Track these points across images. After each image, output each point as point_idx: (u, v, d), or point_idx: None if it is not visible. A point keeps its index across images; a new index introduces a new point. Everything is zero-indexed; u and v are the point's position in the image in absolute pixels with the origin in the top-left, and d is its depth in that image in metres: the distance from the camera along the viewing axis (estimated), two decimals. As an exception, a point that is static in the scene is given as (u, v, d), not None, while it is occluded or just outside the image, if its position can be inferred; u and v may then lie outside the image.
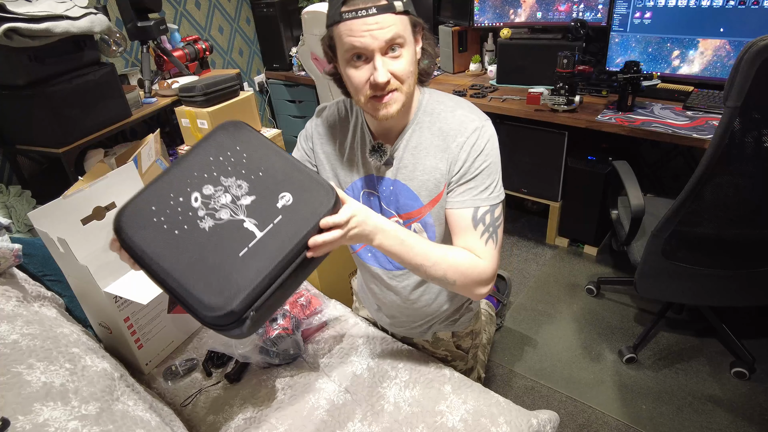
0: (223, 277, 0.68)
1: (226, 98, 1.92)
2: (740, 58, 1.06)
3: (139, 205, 0.75)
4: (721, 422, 1.53)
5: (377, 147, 0.94)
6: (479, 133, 0.89)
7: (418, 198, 0.94)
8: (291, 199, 0.74)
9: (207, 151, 0.77)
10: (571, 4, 2.14)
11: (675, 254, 1.43)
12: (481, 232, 0.89)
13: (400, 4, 0.79)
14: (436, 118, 0.92)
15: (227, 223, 0.72)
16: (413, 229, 0.99)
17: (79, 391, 0.90)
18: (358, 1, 0.78)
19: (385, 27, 0.79)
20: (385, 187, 0.97)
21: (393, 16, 0.79)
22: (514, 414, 1.06)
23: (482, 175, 0.89)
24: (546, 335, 1.92)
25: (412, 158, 0.93)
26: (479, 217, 0.89)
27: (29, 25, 1.48)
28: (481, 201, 0.89)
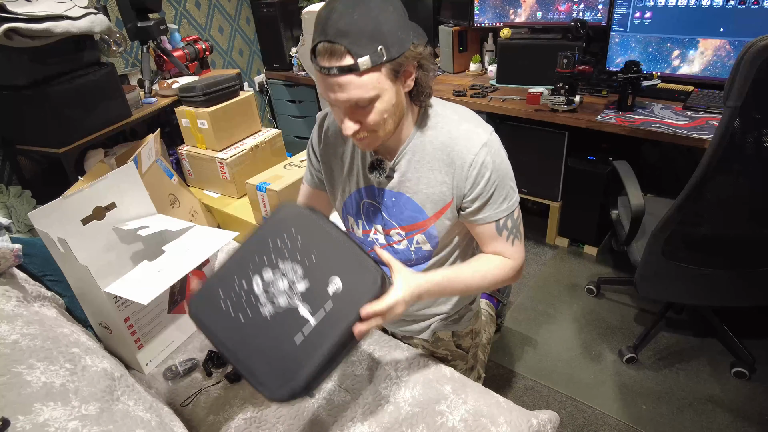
0: (283, 362, 0.77)
1: (226, 98, 1.92)
2: (740, 58, 1.06)
3: (209, 291, 0.85)
4: (721, 422, 1.53)
5: (376, 164, 0.94)
6: (487, 150, 0.88)
7: (423, 211, 0.95)
8: (340, 285, 0.80)
9: (267, 234, 0.86)
10: (571, 4, 2.14)
11: (675, 254, 1.43)
12: (506, 236, 0.95)
13: (366, 61, 0.74)
14: (440, 132, 0.90)
15: (285, 311, 0.80)
16: (416, 240, 1.00)
17: (80, 391, 0.90)
18: (323, 58, 0.75)
19: (347, 90, 0.77)
20: (387, 199, 0.97)
21: (356, 78, 0.75)
22: (515, 414, 1.06)
23: (498, 191, 0.91)
24: (546, 335, 1.92)
25: (415, 172, 0.92)
26: (502, 225, 0.94)
27: (29, 25, 1.48)
28: (501, 213, 0.93)
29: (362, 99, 0.78)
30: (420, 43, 0.82)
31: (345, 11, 0.73)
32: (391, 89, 0.80)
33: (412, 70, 0.83)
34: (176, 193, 1.72)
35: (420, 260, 1.05)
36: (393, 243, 1.03)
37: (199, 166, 1.97)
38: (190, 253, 1.19)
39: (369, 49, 0.74)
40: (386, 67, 0.77)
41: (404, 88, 0.84)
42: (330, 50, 0.74)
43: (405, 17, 0.80)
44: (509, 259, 0.97)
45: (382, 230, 1.02)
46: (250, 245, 0.87)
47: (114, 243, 1.25)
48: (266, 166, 1.83)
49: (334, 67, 0.75)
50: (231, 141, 1.95)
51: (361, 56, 0.74)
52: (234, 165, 1.87)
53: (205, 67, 2.51)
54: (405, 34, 0.78)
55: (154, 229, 1.22)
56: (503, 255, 0.97)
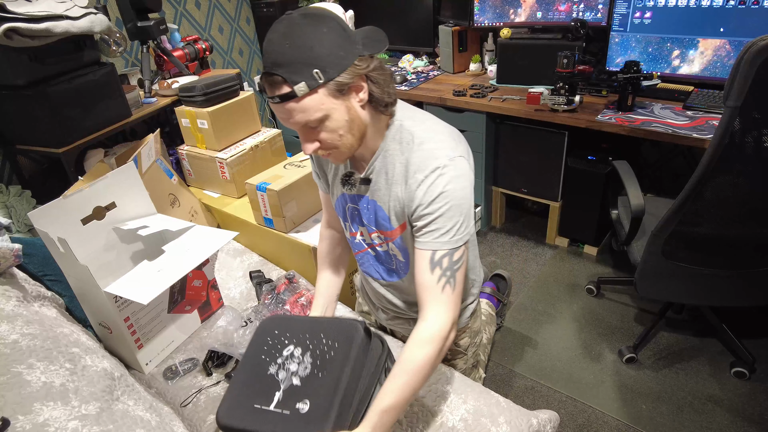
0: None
1: (226, 98, 1.92)
2: (740, 57, 1.06)
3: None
4: (721, 422, 1.53)
5: (346, 178, 0.96)
6: (440, 173, 0.85)
7: (389, 221, 0.96)
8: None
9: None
10: (571, 4, 2.14)
11: (675, 254, 1.43)
12: (438, 276, 0.87)
13: (302, 87, 0.76)
14: (405, 148, 0.90)
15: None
16: (390, 247, 1.01)
17: (79, 390, 0.90)
18: (266, 89, 0.80)
19: (292, 115, 0.80)
20: (364, 204, 0.99)
21: (297, 104, 0.78)
22: (515, 414, 1.07)
23: (443, 218, 0.86)
24: (546, 335, 1.92)
25: (384, 183, 0.94)
26: (436, 260, 0.87)
27: (29, 25, 1.48)
28: (440, 244, 0.87)
29: (309, 121, 0.80)
30: (369, 55, 0.83)
31: (278, 41, 0.76)
32: (340, 107, 0.81)
33: (361, 84, 0.83)
34: (176, 193, 1.72)
35: (400, 269, 1.06)
36: (375, 245, 1.05)
37: (199, 166, 1.97)
38: (190, 253, 1.19)
39: (304, 75, 0.76)
40: (327, 87, 0.79)
41: (358, 102, 0.84)
42: (269, 81, 0.78)
43: (343, 35, 0.80)
44: (426, 322, 0.87)
45: (366, 233, 1.05)
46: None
47: (114, 243, 1.25)
48: (266, 165, 1.83)
49: (275, 96, 0.78)
50: (231, 141, 1.95)
51: (296, 83, 0.76)
52: (234, 165, 1.87)
53: (205, 67, 2.51)
54: (345, 51, 0.79)
55: (154, 228, 1.22)
56: (425, 301, 0.88)
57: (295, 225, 1.64)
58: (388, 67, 0.88)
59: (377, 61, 0.85)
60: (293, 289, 1.36)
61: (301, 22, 0.77)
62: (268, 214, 1.62)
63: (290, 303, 1.29)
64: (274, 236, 1.65)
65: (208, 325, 1.39)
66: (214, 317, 1.41)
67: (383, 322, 1.25)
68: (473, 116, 2.24)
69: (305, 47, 0.76)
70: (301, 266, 1.60)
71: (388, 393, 0.85)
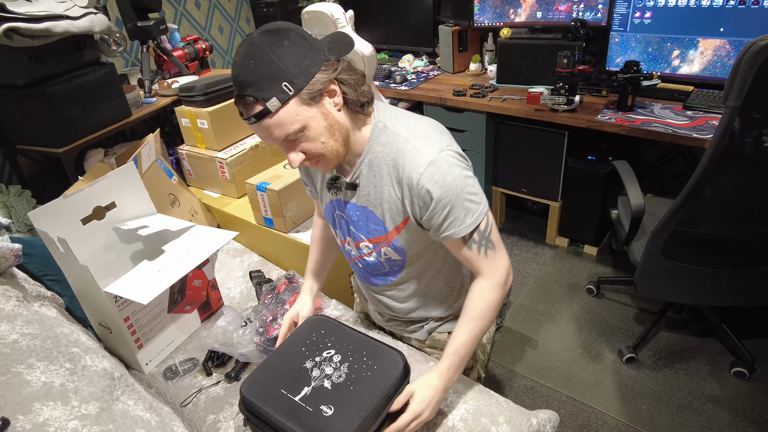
0: None
1: (226, 98, 1.92)
2: (740, 57, 1.06)
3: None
4: (720, 422, 1.53)
5: (332, 183, 0.97)
6: (434, 170, 0.85)
7: (384, 224, 0.95)
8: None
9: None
10: (571, 4, 2.14)
11: (675, 254, 1.43)
12: (477, 249, 0.92)
13: (273, 102, 0.78)
14: (390, 149, 0.89)
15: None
16: (383, 253, 1.00)
17: (79, 390, 0.90)
18: (241, 111, 0.82)
19: (271, 132, 0.81)
20: (352, 212, 0.99)
21: (272, 120, 0.80)
22: (514, 413, 1.07)
23: (454, 210, 0.87)
24: (546, 335, 1.92)
25: (373, 187, 0.93)
26: (469, 240, 0.91)
27: (29, 24, 1.48)
28: (465, 229, 0.89)
29: (288, 134, 0.82)
30: (336, 59, 0.84)
31: (242, 63, 0.78)
32: (316, 114, 0.82)
33: (332, 89, 0.84)
34: (176, 193, 1.72)
35: (394, 269, 1.05)
36: (363, 255, 1.05)
37: (199, 166, 1.97)
38: (190, 252, 1.19)
39: (273, 90, 0.78)
40: (298, 98, 0.80)
41: (333, 106, 0.85)
42: (242, 103, 0.80)
43: (306, 44, 0.81)
44: (485, 278, 0.94)
45: (353, 243, 1.04)
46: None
47: (114, 243, 1.25)
48: (266, 165, 1.82)
49: (251, 116, 0.80)
50: (231, 141, 1.95)
51: (267, 99, 0.78)
52: (234, 165, 1.87)
53: (205, 67, 2.51)
54: (310, 60, 0.80)
55: (154, 228, 1.22)
56: (477, 268, 0.95)
57: (295, 225, 1.64)
58: (356, 68, 0.88)
59: (345, 63, 0.86)
60: (293, 289, 1.36)
61: (261, 40, 0.78)
62: (268, 214, 1.62)
63: (290, 303, 1.29)
64: (274, 236, 1.65)
65: (208, 325, 1.39)
66: (214, 317, 1.41)
67: (380, 323, 1.24)
68: (473, 116, 2.24)
69: (269, 63, 0.77)
70: (301, 266, 1.60)
71: (458, 336, 0.94)
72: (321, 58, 0.81)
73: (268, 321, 1.22)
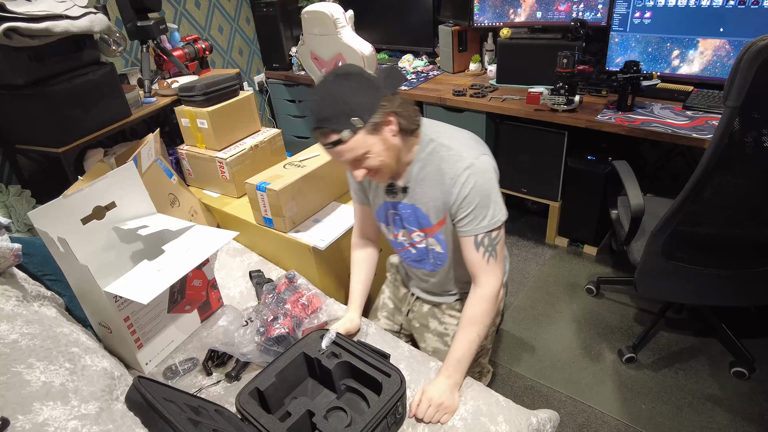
0: None
1: (225, 98, 1.92)
2: (740, 57, 1.06)
3: None
4: (720, 422, 1.53)
5: (390, 188, 1.18)
6: (469, 173, 1.05)
7: (428, 218, 1.15)
8: None
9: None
10: (571, 4, 2.14)
11: (675, 254, 1.43)
12: (483, 253, 1.10)
13: (347, 134, 0.98)
14: (435, 157, 1.09)
15: None
16: (428, 243, 1.20)
17: (79, 390, 0.90)
18: (319, 139, 1.02)
19: (342, 155, 1.01)
20: (403, 210, 1.19)
21: (345, 146, 0.99)
22: (514, 413, 1.07)
23: (476, 210, 1.07)
24: (546, 335, 1.92)
25: (420, 188, 1.13)
26: (479, 241, 1.09)
27: (29, 24, 1.48)
28: (479, 230, 1.08)
29: (356, 157, 1.02)
30: (392, 94, 1.02)
31: (321, 102, 0.99)
32: (378, 141, 1.02)
33: (391, 119, 1.02)
34: (176, 193, 1.72)
35: (437, 262, 1.24)
36: (414, 243, 1.24)
37: (198, 166, 1.97)
38: (190, 252, 1.19)
39: (346, 124, 0.97)
40: (365, 129, 0.99)
41: (390, 134, 1.03)
42: (321, 133, 1.00)
43: (369, 84, 0.99)
44: (480, 286, 1.12)
45: (407, 234, 1.23)
46: None
47: (114, 242, 1.25)
48: (266, 165, 1.82)
49: (328, 143, 1.00)
50: (231, 141, 1.95)
51: (341, 131, 0.98)
52: (234, 165, 1.87)
53: (205, 67, 2.51)
54: (372, 97, 0.99)
55: (153, 228, 1.22)
56: (475, 273, 1.12)
57: (295, 225, 1.64)
58: (409, 100, 1.07)
59: (399, 98, 1.05)
60: (294, 288, 1.36)
61: (335, 83, 0.99)
62: (267, 214, 1.62)
63: (291, 303, 1.29)
64: (274, 236, 1.65)
65: (207, 324, 1.39)
66: (214, 317, 1.41)
67: (418, 293, 1.39)
68: (473, 116, 2.24)
69: (342, 102, 0.97)
70: (300, 266, 1.61)
71: (459, 343, 1.11)
72: (380, 95, 1.00)
73: (269, 321, 1.22)
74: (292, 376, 1.11)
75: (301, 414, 0.98)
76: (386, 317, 1.48)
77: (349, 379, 1.10)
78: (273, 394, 1.05)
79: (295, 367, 1.11)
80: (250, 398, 1.01)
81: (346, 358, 1.08)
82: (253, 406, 0.99)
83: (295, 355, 1.10)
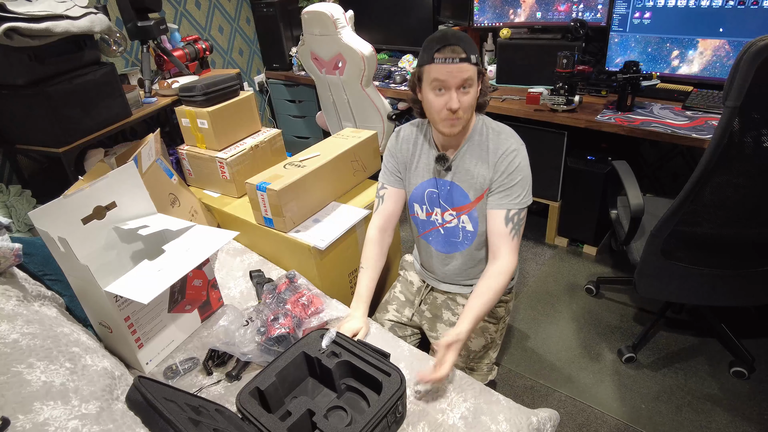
0: None
1: (226, 98, 1.92)
2: (740, 58, 1.07)
3: None
4: (720, 421, 1.53)
5: (441, 157, 1.26)
6: (515, 154, 1.20)
7: (468, 196, 1.26)
8: None
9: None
10: (570, 4, 2.14)
11: (674, 254, 1.43)
12: (510, 228, 1.21)
13: (474, 58, 1.12)
14: (485, 138, 1.24)
15: None
16: (462, 220, 1.30)
17: (80, 390, 0.90)
18: (449, 52, 1.10)
19: (462, 72, 1.11)
20: (443, 187, 1.29)
21: (468, 65, 1.11)
22: (514, 412, 1.07)
23: (516, 186, 1.20)
24: (545, 335, 1.92)
25: (466, 165, 1.24)
26: (510, 216, 1.20)
27: (29, 24, 1.48)
28: (513, 205, 1.20)
29: (470, 78, 1.12)
30: None
31: (453, 33, 1.13)
32: (476, 86, 1.16)
33: (482, 80, 1.18)
34: (176, 193, 1.72)
35: (465, 240, 1.33)
36: (446, 223, 1.33)
37: (199, 166, 1.97)
38: (190, 252, 1.20)
39: (473, 53, 1.12)
40: (477, 67, 1.14)
41: (477, 91, 1.16)
42: (452, 49, 1.10)
43: None
44: (500, 260, 1.21)
45: (440, 213, 1.33)
46: None
47: (114, 242, 1.25)
48: (266, 165, 1.83)
49: (457, 57, 1.10)
50: (231, 141, 1.95)
51: (471, 55, 1.11)
52: (234, 165, 1.87)
53: (205, 67, 2.51)
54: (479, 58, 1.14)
55: (154, 228, 1.22)
56: (498, 248, 1.22)
57: (295, 225, 1.65)
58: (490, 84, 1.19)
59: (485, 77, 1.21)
60: (294, 288, 1.36)
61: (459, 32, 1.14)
62: (268, 214, 1.62)
63: (291, 303, 1.29)
64: (274, 236, 1.65)
65: (208, 324, 1.39)
66: (214, 317, 1.41)
67: (433, 282, 1.47)
68: (473, 116, 2.24)
69: (471, 42, 1.13)
70: (301, 266, 1.61)
71: (476, 302, 1.17)
72: None
73: (270, 320, 1.22)
74: (292, 375, 1.11)
75: (302, 413, 0.98)
76: (395, 309, 1.51)
77: (349, 378, 1.10)
78: (273, 393, 1.05)
79: (296, 366, 1.11)
80: (251, 398, 1.01)
81: (346, 358, 1.08)
82: (253, 405, 0.99)
83: (296, 354, 1.10)
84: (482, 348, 1.41)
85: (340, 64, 2.22)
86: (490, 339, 1.42)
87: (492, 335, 1.42)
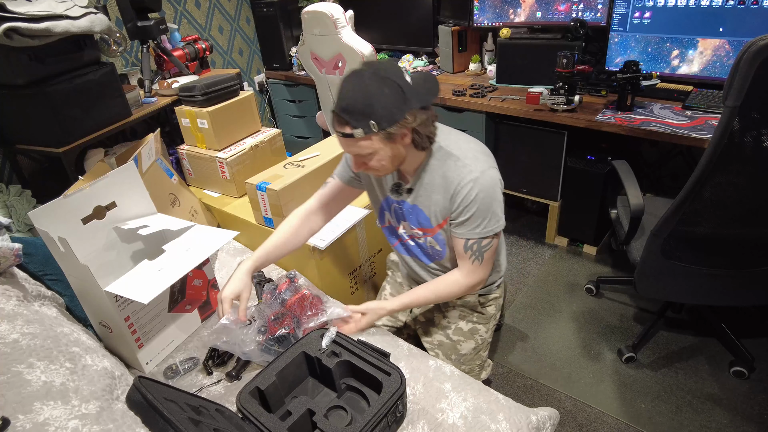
0: None
1: (226, 98, 1.92)
2: (739, 57, 1.07)
3: None
4: (720, 421, 1.53)
5: (395, 188, 1.23)
6: (472, 185, 1.10)
7: (430, 221, 1.21)
8: None
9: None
10: (570, 4, 2.14)
11: (674, 254, 1.43)
12: (470, 255, 1.18)
13: (359, 132, 1.00)
14: (443, 164, 1.14)
15: None
16: (429, 243, 1.27)
17: (80, 390, 0.90)
18: (334, 123, 1.03)
19: (349, 147, 1.06)
20: (406, 208, 1.25)
21: (354, 141, 1.02)
22: (514, 411, 1.07)
23: (473, 218, 1.13)
24: (545, 334, 1.92)
25: (425, 192, 1.18)
26: (468, 245, 1.17)
27: (29, 24, 1.48)
28: (471, 235, 1.15)
29: (361, 155, 1.05)
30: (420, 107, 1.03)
31: (351, 91, 0.99)
32: (386, 148, 1.05)
33: (406, 134, 1.05)
34: (176, 193, 1.72)
35: (436, 257, 1.30)
36: (416, 237, 1.30)
37: (199, 166, 1.97)
38: (190, 252, 1.20)
39: (363, 124, 0.99)
40: (378, 135, 1.01)
41: (402, 145, 1.07)
42: (337, 120, 1.02)
43: (401, 95, 0.99)
44: (462, 275, 1.21)
45: (408, 227, 1.29)
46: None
47: (114, 242, 1.25)
48: (266, 165, 1.83)
49: (339, 132, 1.03)
50: (231, 140, 1.95)
51: (356, 128, 1.00)
52: (234, 164, 1.87)
53: (205, 67, 2.52)
54: (398, 109, 1.00)
55: (154, 228, 1.22)
56: (460, 266, 1.21)
57: (295, 224, 1.64)
58: (432, 118, 1.09)
59: (424, 115, 1.05)
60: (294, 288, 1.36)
61: (369, 82, 0.98)
62: (268, 214, 1.62)
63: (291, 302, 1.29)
64: (274, 236, 1.65)
65: (208, 324, 1.39)
66: (214, 316, 1.41)
67: None
68: (473, 116, 2.24)
69: (367, 103, 0.98)
70: (301, 266, 1.61)
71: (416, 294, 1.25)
72: (407, 108, 1.01)
73: (270, 320, 1.22)
74: (292, 375, 1.11)
75: (302, 413, 0.98)
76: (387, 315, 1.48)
77: (349, 377, 1.10)
78: (273, 393, 1.05)
79: (296, 366, 1.11)
80: (251, 397, 1.01)
81: (347, 357, 1.08)
82: (253, 405, 0.99)
83: (296, 354, 1.10)
84: (473, 350, 1.40)
85: (340, 63, 2.22)
86: (480, 340, 1.40)
87: (482, 336, 1.40)
